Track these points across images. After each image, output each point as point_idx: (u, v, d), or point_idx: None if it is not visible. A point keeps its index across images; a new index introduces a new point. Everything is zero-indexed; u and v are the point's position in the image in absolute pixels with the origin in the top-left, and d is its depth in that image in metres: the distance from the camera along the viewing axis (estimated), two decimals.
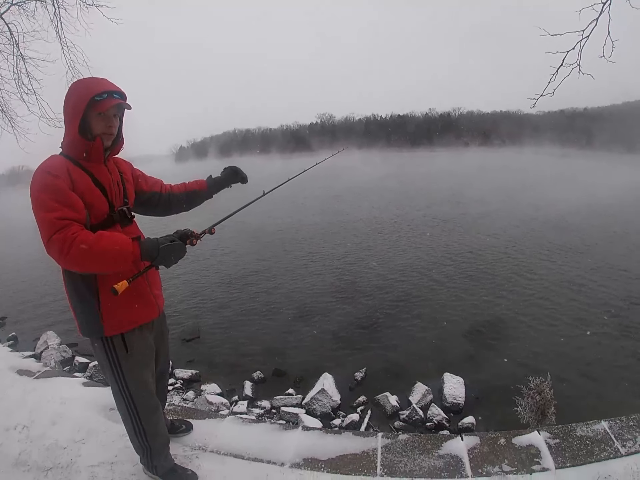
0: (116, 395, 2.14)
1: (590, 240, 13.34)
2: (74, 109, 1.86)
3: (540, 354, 6.55)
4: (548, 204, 18.96)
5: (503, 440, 2.65)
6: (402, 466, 2.51)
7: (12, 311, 9.87)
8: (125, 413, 2.16)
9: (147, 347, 2.16)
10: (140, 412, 2.15)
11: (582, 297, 8.79)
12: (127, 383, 2.08)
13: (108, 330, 1.98)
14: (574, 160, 48.30)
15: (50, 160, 1.86)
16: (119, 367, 2.04)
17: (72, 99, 1.88)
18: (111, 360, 2.04)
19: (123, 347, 2.03)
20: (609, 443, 2.52)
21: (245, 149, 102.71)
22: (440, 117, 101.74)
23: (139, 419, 2.16)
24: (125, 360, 2.04)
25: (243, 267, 12.11)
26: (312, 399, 5.45)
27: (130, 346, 2.05)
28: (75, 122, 1.86)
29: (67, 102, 1.89)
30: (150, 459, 2.29)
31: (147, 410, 2.18)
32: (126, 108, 2.00)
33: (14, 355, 4.77)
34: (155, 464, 2.30)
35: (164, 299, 2.30)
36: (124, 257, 1.76)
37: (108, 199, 1.98)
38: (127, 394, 2.10)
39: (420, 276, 10.48)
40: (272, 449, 2.64)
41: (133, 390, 2.10)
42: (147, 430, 2.19)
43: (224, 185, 2.53)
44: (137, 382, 2.12)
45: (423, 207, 20.47)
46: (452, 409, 5.45)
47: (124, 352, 2.04)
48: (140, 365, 2.12)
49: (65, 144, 1.92)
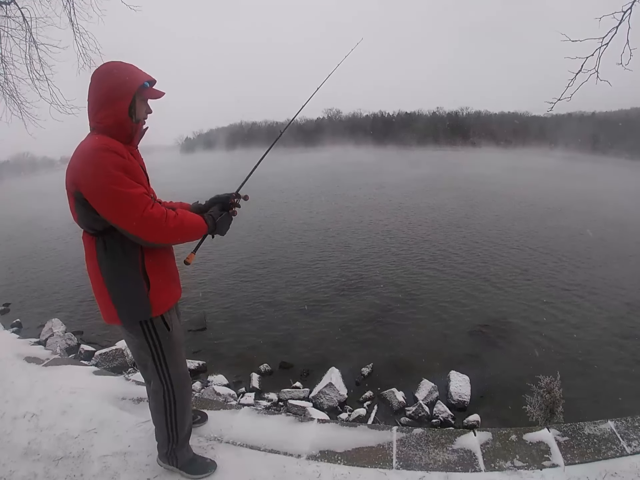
0: (155, 380, 2.16)
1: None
2: (122, 89, 1.85)
3: (546, 354, 6.50)
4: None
5: (514, 437, 2.71)
6: (417, 459, 2.54)
7: (16, 297, 9.81)
8: (161, 401, 2.17)
9: (179, 326, 2.23)
10: (177, 399, 2.18)
11: (591, 297, 8.76)
12: (168, 365, 2.11)
13: (155, 310, 2.00)
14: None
15: (104, 139, 1.82)
16: (160, 348, 2.08)
17: (115, 80, 1.84)
18: (151, 342, 2.05)
19: (164, 327, 2.06)
20: (615, 442, 2.58)
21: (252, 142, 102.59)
22: (447, 116, 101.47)
23: (174, 408, 2.18)
24: (165, 340, 2.07)
25: (251, 258, 12.06)
26: (319, 392, 5.43)
27: (170, 325, 2.09)
28: (125, 103, 1.86)
29: (107, 83, 1.85)
30: (174, 450, 2.28)
31: (183, 396, 2.22)
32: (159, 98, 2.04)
33: (21, 342, 4.75)
34: (177, 455, 2.30)
35: None
36: (201, 230, 2.04)
37: (148, 184, 2.04)
38: (166, 377, 2.12)
39: (429, 273, 10.45)
40: (288, 441, 2.64)
41: (173, 372, 2.13)
42: (179, 420, 2.21)
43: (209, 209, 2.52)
44: (177, 363, 2.16)
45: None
46: (457, 406, 5.43)
47: (165, 332, 2.07)
48: (179, 344, 2.18)
49: (108, 124, 1.87)
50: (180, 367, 2.19)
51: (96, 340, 7.07)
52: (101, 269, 1.92)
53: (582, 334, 7.17)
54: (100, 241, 1.88)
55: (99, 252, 1.89)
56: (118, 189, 1.74)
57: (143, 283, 1.94)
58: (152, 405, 2.25)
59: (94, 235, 1.90)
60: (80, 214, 1.86)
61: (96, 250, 1.90)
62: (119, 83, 1.84)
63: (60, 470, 2.39)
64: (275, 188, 26.46)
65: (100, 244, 1.88)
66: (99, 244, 1.89)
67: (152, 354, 2.07)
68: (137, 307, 1.97)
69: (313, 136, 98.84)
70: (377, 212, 18.42)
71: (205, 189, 11.91)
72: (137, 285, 1.94)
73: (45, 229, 17.46)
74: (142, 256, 1.93)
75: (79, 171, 1.78)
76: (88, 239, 1.94)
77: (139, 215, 1.76)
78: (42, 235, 16.46)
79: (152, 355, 2.07)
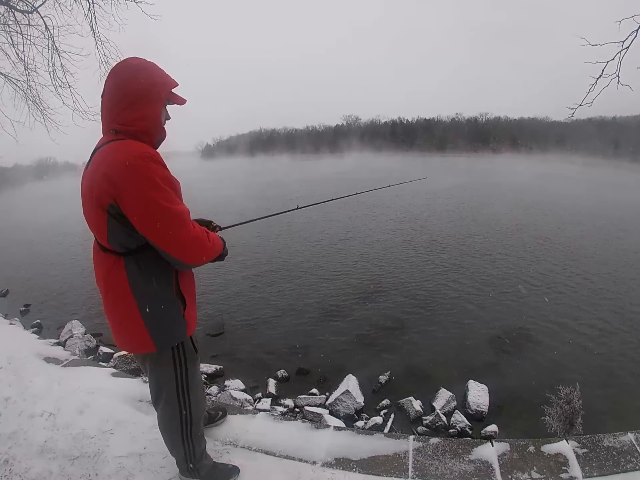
0: (171, 406, 2.00)
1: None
2: (156, 92, 1.73)
3: (564, 364, 6.40)
4: None
5: (532, 448, 2.66)
6: (433, 469, 2.51)
7: (37, 299, 10.03)
8: (178, 427, 2.04)
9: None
10: (194, 422, 2.07)
11: (610, 308, 8.56)
12: (190, 390, 1.99)
13: (189, 331, 1.92)
14: None
15: (145, 147, 1.68)
16: (185, 372, 1.95)
17: (149, 81, 1.71)
18: (178, 367, 1.93)
19: (193, 349, 1.98)
20: (634, 455, 2.53)
21: (271, 148, 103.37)
22: (467, 122, 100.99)
23: (190, 426, 2.06)
24: (191, 363, 1.97)
25: (268, 264, 12.10)
26: (336, 399, 5.40)
27: (197, 346, 2.02)
28: (159, 106, 1.76)
29: (138, 82, 1.69)
30: (194, 464, 2.18)
31: (199, 413, 2.13)
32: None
33: (41, 343, 4.82)
34: (198, 466, 2.20)
35: None
36: (220, 251, 1.94)
37: None
38: (187, 403, 2.00)
39: (448, 282, 10.34)
40: (303, 447, 2.62)
41: (193, 397, 2.02)
42: (194, 438, 2.11)
43: None
44: (199, 387, 2.08)
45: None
46: (475, 416, 5.36)
47: (193, 354, 1.98)
48: (198, 366, 2.10)
49: (141, 128, 1.73)
50: (200, 389, 2.11)
51: (115, 343, 7.12)
52: (134, 292, 1.73)
53: (603, 345, 7.04)
54: (132, 261, 1.72)
55: (131, 272, 1.72)
56: (168, 206, 1.61)
57: (179, 305, 1.85)
58: (163, 427, 2.12)
59: (122, 254, 1.72)
60: (112, 230, 1.67)
61: (126, 271, 1.71)
62: (150, 84, 1.71)
63: (75, 468, 2.40)
64: (294, 194, 26.44)
65: (132, 264, 1.71)
66: (130, 264, 1.71)
67: (177, 380, 1.93)
68: (173, 329, 1.85)
69: (332, 142, 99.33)
70: (398, 222, 18.17)
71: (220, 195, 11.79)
72: (175, 306, 1.83)
73: (65, 233, 17.69)
74: (175, 275, 1.83)
75: (117, 182, 1.57)
76: (110, 258, 1.74)
77: (186, 235, 1.67)
78: (62, 239, 16.80)
79: (177, 381, 1.94)
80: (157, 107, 1.74)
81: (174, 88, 1.82)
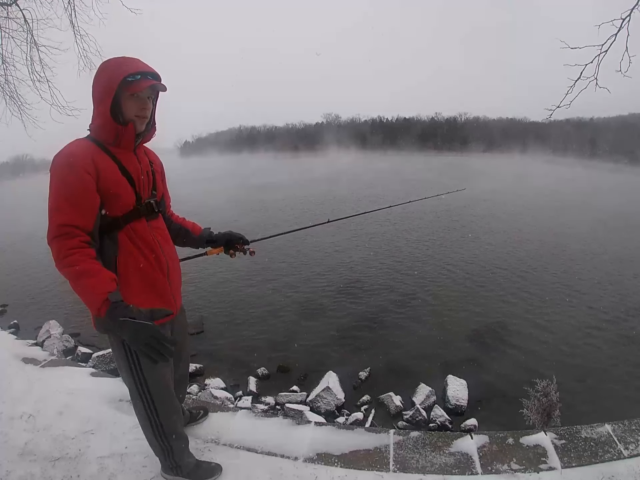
0: (133, 394, 2.01)
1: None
2: (105, 88, 1.71)
3: (543, 358, 6.54)
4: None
5: (511, 440, 2.71)
6: (414, 462, 2.54)
7: (14, 299, 9.83)
8: (142, 412, 2.03)
9: None
10: (160, 411, 2.02)
11: (586, 302, 8.80)
12: (148, 382, 1.94)
13: None
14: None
15: (75, 145, 1.72)
16: (139, 364, 1.90)
17: (102, 78, 1.73)
18: (130, 358, 1.89)
19: None
20: (612, 445, 2.59)
21: (252, 147, 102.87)
22: (446, 121, 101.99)
23: (158, 421, 2.04)
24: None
25: (248, 262, 12.03)
26: (316, 396, 5.42)
27: None
28: (106, 103, 1.72)
29: (97, 82, 1.74)
30: (173, 460, 2.18)
31: (167, 409, 2.06)
32: (161, 90, 1.86)
33: (19, 344, 4.72)
34: (180, 463, 2.20)
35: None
36: (90, 306, 1.62)
37: (135, 190, 1.86)
38: (145, 392, 1.96)
39: (426, 278, 10.46)
40: (285, 444, 2.64)
41: (153, 389, 1.97)
42: (167, 430, 2.08)
43: (217, 243, 2.44)
44: (160, 379, 1.99)
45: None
46: (454, 410, 5.44)
47: None
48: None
49: (94, 127, 1.77)
50: (162, 383, 2.03)
51: (93, 343, 7.04)
52: None
53: (579, 339, 7.22)
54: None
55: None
56: (49, 200, 1.66)
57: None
58: (139, 423, 2.13)
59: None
60: None
61: None
62: (99, 84, 1.74)
63: (57, 470, 2.38)
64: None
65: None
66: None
67: (132, 373, 1.93)
68: None
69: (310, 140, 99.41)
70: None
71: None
72: None
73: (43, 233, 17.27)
74: (114, 263, 1.82)
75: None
76: None
77: (48, 238, 1.65)
78: (39, 240, 16.29)
79: (132, 375, 1.93)
80: (105, 102, 1.72)
81: (130, 75, 1.72)
